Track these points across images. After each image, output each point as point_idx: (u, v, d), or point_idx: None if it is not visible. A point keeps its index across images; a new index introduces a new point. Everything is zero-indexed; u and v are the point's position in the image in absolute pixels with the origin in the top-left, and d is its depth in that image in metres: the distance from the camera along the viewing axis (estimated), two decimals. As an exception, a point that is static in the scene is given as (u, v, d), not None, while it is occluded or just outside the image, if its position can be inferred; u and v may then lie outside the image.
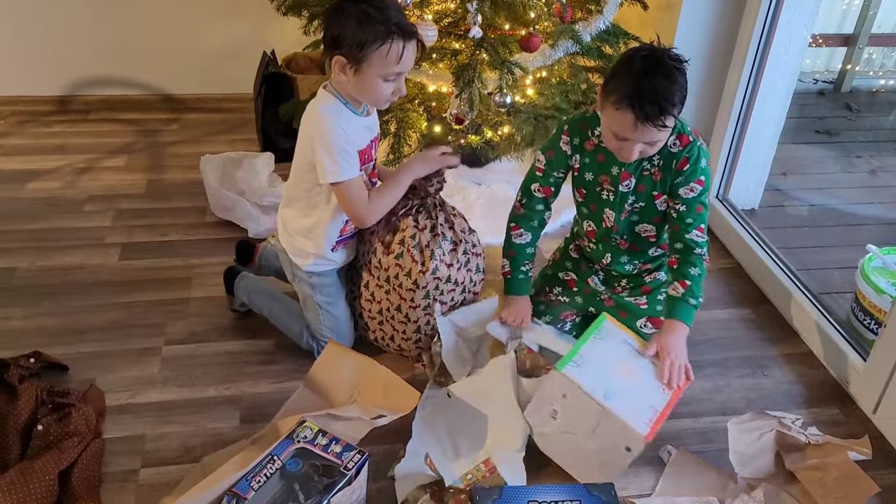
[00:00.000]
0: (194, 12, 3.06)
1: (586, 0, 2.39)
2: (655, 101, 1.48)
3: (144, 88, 3.23)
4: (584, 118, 1.74)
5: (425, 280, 1.75)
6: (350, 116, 1.67)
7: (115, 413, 1.71)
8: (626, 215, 1.76)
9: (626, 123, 1.52)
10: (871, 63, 3.84)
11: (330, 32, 1.58)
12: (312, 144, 1.64)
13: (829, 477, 1.59)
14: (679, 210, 1.69)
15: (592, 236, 1.85)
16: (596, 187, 1.76)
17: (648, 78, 1.49)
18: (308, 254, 1.80)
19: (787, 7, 2.20)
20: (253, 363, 1.87)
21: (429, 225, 1.77)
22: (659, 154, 1.66)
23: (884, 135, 3.47)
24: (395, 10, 1.57)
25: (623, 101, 1.50)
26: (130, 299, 2.07)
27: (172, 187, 2.62)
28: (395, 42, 1.54)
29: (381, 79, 1.58)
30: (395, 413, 1.63)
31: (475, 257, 1.85)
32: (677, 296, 1.68)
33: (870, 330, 2.03)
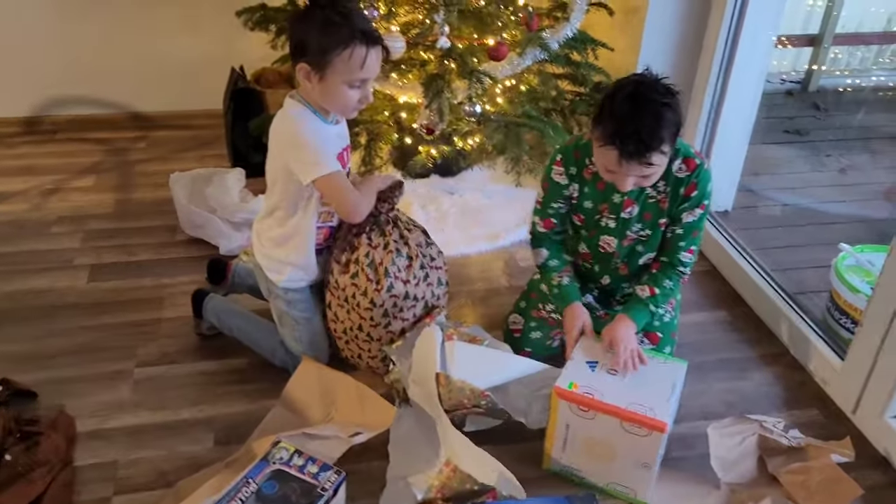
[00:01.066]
0: (160, 29, 3.03)
1: (553, 8, 2.40)
2: (639, 140, 1.47)
3: (112, 107, 3.18)
4: (578, 146, 1.71)
5: (381, 298, 1.72)
6: (320, 123, 1.65)
7: (86, 439, 1.67)
8: (630, 242, 1.75)
9: (612, 160, 1.52)
10: (836, 62, 3.89)
11: (294, 40, 1.57)
12: (287, 149, 1.61)
13: (812, 480, 1.59)
14: (676, 233, 1.71)
15: (588, 258, 1.84)
16: (594, 215, 1.74)
17: (632, 118, 1.47)
18: (284, 266, 1.77)
19: (752, 9, 2.22)
20: (226, 383, 1.84)
21: (382, 242, 1.74)
22: (665, 180, 1.65)
23: (852, 133, 3.52)
24: (359, 17, 1.57)
25: (606, 139, 1.50)
26: (100, 322, 2.03)
27: (141, 206, 2.58)
28: (358, 47, 1.53)
29: (345, 85, 1.57)
30: (372, 430, 1.61)
31: (434, 270, 1.81)
32: (641, 297, 1.71)
33: (846, 329, 2.04)
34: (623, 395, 1.51)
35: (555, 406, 1.53)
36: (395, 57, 2.18)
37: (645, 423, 1.46)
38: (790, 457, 1.64)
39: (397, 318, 1.75)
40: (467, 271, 2.31)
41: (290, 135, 1.61)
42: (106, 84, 3.13)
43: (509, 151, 2.29)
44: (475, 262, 2.36)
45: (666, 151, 1.52)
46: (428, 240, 1.83)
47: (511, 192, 2.57)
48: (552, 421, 1.55)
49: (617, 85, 1.55)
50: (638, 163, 1.50)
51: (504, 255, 2.39)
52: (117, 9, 2.96)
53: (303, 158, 1.60)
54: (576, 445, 1.55)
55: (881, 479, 1.66)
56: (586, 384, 1.53)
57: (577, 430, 1.53)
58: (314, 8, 1.54)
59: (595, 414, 1.49)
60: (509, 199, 2.60)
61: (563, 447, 1.57)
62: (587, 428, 1.52)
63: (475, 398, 1.57)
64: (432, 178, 2.67)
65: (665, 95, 1.49)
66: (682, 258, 1.72)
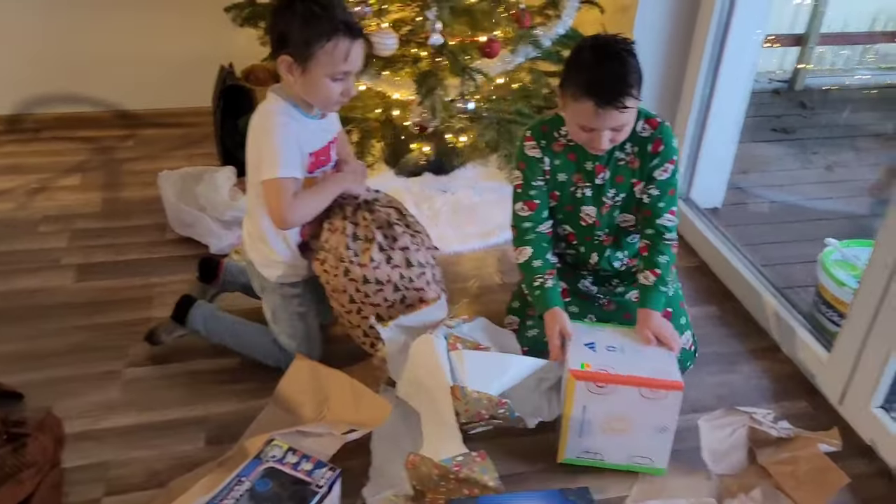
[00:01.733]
0: (148, 26, 3.01)
1: (544, 5, 2.41)
2: (611, 85, 1.52)
3: (98, 105, 3.15)
4: (545, 121, 1.74)
5: (341, 283, 1.71)
6: (301, 118, 1.63)
7: (75, 440, 1.65)
8: (608, 209, 1.76)
9: (588, 113, 1.54)
10: (822, 61, 3.93)
11: (276, 32, 1.56)
12: (256, 143, 1.61)
13: (800, 470, 1.60)
14: (652, 194, 1.71)
15: (573, 239, 1.84)
16: (570, 187, 1.75)
17: (600, 65, 1.54)
18: (277, 263, 1.76)
19: (740, 7, 2.23)
20: (218, 382, 1.83)
21: (341, 227, 1.71)
22: (630, 141, 1.68)
23: (838, 131, 3.55)
24: (341, 9, 1.56)
25: (580, 91, 1.53)
26: (89, 322, 2.01)
27: (130, 205, 2.56)
28: (342, 39, 1.52)
29: (328, 78, 1.56)
30: (366, 427, 1.60)
31: (399, 252, 1.73)
32: (649, 284, 1.71)
33: (833, 322, 2.06)
34: (633, 366, 1.55)
35: (571, 390, 1.53)
36: (387, 54, 2.18)
37: (664, 385, 1.52)
38: (779, 447, 1.66)
39: (366, 303, 1.72)
40: (460, 269, 2.31)
41: (261, 130, 1.61)
42: (92, 82, 3.10)
43: (502, 149, 2.29)
44: (468, 259, 2.36)
45: (636, 97, 1.56)
46: (397, 220, 1.76)
47: (503, 190, 2.56)
48: (567, 407, 1.55)
49: (577, 45, 1.62)
50: (614, 107, 1.52)
51: (497, 253, 2.39)
52: (104, 5, 2.94)
53: (266, 155, 1.59)
54: (593, 427, 1.57)
55: (867, 469, 1.68)
56: (596, 363, 1.56)
57: (595, 409, 1.54)
58: (295, 1, 1.53)
59: (614, 388, 1.52)
60: (502, 197, 2.59)
61: (579, 432, 1.58)
62: (605, 404, 1.54)
63: (492, 408, 1.56)
64: (425, 175, 2.66)
65: (624, 44, 1.56)
66: (665, 223, 1.72)
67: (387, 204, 1.79)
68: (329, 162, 1.73)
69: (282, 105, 1.62)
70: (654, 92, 2.47)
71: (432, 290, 1.78)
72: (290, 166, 1.59)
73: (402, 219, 1.79)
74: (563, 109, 1.63)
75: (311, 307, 1.83)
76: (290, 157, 1.59)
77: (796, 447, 1.65)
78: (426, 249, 1.80)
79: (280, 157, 1.58)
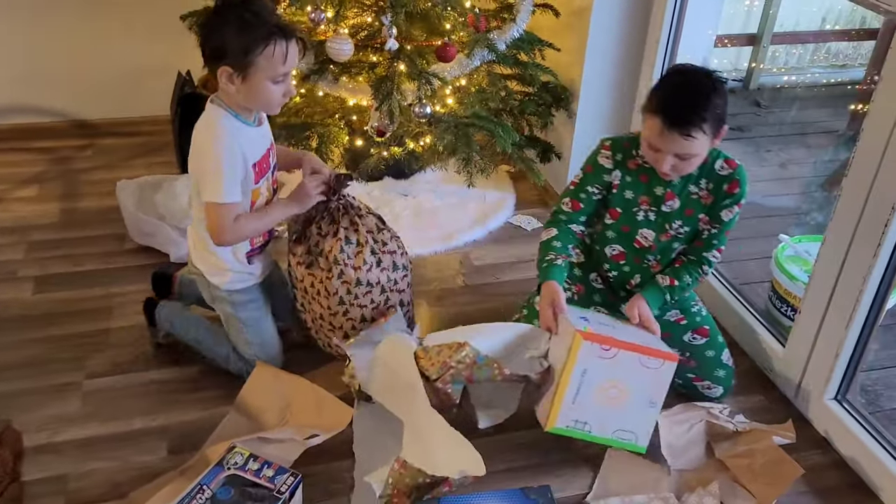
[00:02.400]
0: (104, 35, 2.97)
1: (499, 10, 2.43)
2: (683, 111, 1.54)
3: (55, 115, 3.11)
4: (628, 138, 1.77)
5: (333, 286, 1.73)
6: (243, 128, 1.64)
7: (34, 454, 1.64)
8: (669, 238, 1.78)
9: (655, 130, 1.58)
10: (775, 60, 4.01)
11: (211, 45, 1.56)
12: (200, 161, 1.62)
13: (757, 463, 1.64)
14: (712, 231, 1.76)
15: (621, 259, 1.84)
16: (633, 207, 1.77)
17: (682, 90, 1.57)
18: (225, 270, 1.76)
19: (691, 9, 2.28)
20: (180, 391, 1.82)
21: (332, 231, 1.75)
22: (707, 178, 1.71)
23: (790, 129, 3.63)
24: (271, 13, 1.58)
25: (655, 107, 1.58)
26: (47, 334, 1.98)
27: (88, 215, 2.53)
28: (279, 42, 1.54)
29: (269, 81, 1.57)
30: (328, 431, 1.61)
31: (388, 255, 1.80)
32: (661, 284, 1.77)
33: (786, 316, 2.11)
34: (628, 338, 1.61)
35: (575, 350, 1.54)
36: (344, 59, 2.19)
37: (661, 354, 1.60)
38: (736, 441, 1.70)
39: (353, 304, 1.76)
40: (423, 272, 2.32)
41: (205, 147, 1.61)
42: (48, 92, 3.05)
43: (460, 152, 2.31)
44: (430, 262, 2.38)
45: (707, 133, 1.56)
46: (381, 225, 1.84)
47: (464, 193, 2.59)
48: (567, 370, 1.56)
49: (674, 66, 1.68)
50: (679, 134, 1.54)
51: (459, 256, 2.41)
52: (59, 15, 2.90)
53: (210, 179, 1.60)
54: (588, 394, 1.59)
55: (822, 460, 1.73)
56: (597, 330, 1.60)
57: (594, 374, 1.57)
58: (225, 11, 1.55)
59: (617, 352, 1.56)
60: (462, 200, 2.63)
61: (574, 398, 1.58)
62: (606, 369, 1.57)
63: (454, 353, 1.57)
64: (385, 180, 2.67)
65: (715, 83, 1.58)
66: (710, 257, 1.78)
67: (367, 211, 1.84)
68: (269, 169, 1.75)
69: (224, 117, 1.62)
70: (611, 93, 2.51)
71: (407, 294, 1.85)
72: (232, 191, 1.61)
73: (384, 225, 1.85)
74: (642, 123, 1.66)
75: (264, 311, 1.83)
76: (234, 180, 1.61)
77: (752, 440, 1.69)
78: (404, 254, 1.85)
79: (223, 182, 1.59)
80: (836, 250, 1.69)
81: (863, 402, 1.86)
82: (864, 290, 1.63)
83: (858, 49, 4.09)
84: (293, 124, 2.40)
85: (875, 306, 1.66)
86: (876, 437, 1.69)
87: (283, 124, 2.38)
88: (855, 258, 1.64)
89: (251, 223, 1.68)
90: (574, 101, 2.51)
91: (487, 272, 2.34)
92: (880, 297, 1.65)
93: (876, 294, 1.65)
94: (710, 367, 1.82)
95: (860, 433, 1.70)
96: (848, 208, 1.64)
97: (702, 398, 1.83)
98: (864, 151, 1.58)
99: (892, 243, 1.58)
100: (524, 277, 2.27)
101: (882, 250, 1.58)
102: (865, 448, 1.67)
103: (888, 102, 1.51)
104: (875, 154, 1.55)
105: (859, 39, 4.06)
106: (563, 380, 1.57)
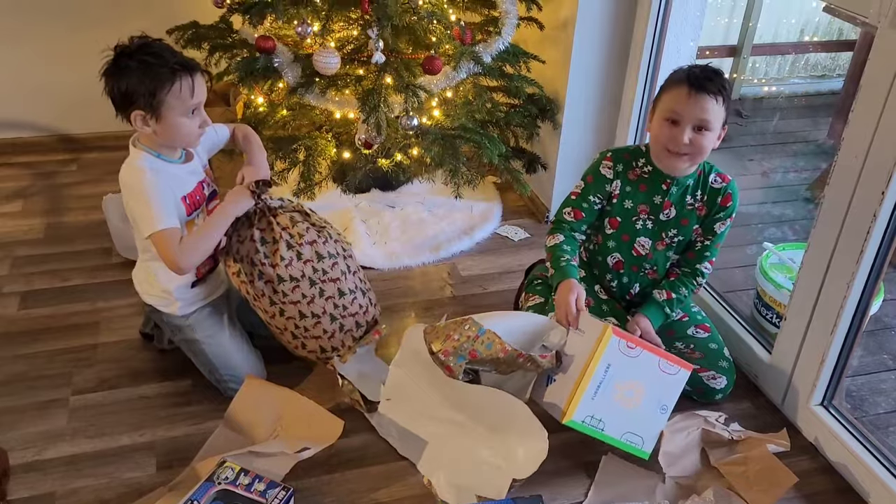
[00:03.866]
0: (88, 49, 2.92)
1: (485, 23, 2.45)
2: (707, 75, 1.66)
3: (39, 130, 3.09)
4: (628, 150, 1.85)
5: (259, 289, 1.73)
6: (167, 166, 1.68)
7: (20, 472, 1.62)
8: (664, 247, 1.85)
9: (681, 97, 1.65)
10: (755, 71, 4.07)
11: (118, 93, 1.60)
12: (130, 201, 1.65)
13: (751, 470, 1.66)
14: (705, 243, 1.84)
15: (619, 267, 1.90)
16: (632, 216, 1.84)
17: (698, 65, 1.70)
18: (173, 300, 1.79)
19: (674, 21, 2.31)
20: (168, 406, 1.81)
21: (248, 235, 1.73)
22: (702, 190, 1.79)
23: (771, 138, 3.68)
24: (170, 52, 1.62)
25: (677, 79, 1.67)
26: (33, 350, 1.96)
27: (74, 230, 2.51)
28: (184, 78, 1.58)
29: (183, 117, 1.62)
30: (319, 444, 1.60)
31: (308, 246, 1.75)
32: (659, 300, 1.84)
33: (772, 323, 2.13)
34: None
35: (604, 344, 1.60)
36: (331, 73, 2.20)
37: (678, 362, 1.67)
38: (731, 449, 1.71)
39: (286, 302, 1.73)
40: (411, 283, 2.33)
41: (131, 189, 1.64)
42: (32, 106, 3.03)
43: (447, 164, 2.32)
44: (418, 274, 2.38)
45: (722, 105, 1.66)
46: (297, 219, 1.77)
47: (451, 204, 2.60)
48: (593, 363, 1.60)
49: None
50: (707, 92, 1.63)
51: (447, 267, 2.42)
52: (43, 29, 2.89)
53: (142, 212, 1.63)
54: (608, 391, 1.62)
55: (810, 465, 1.74)
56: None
57: (617, 371, 1.62)
58: (126, 58, 1.59)
59: (640, 352, 1.64)
60: (449, 211, 2.64)
61: (594, 393, 1.61)
62: (628, 367, 1.62)
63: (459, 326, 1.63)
64: (373, 192, 2.68)
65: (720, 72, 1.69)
66: (702, 269, 1.86)
67: (291, 209, 1.80)
68: (203, 201, 1.78)
69: (146, 159, 1.65)
70: (595, 104, 2.54)
71: (349, 282, 1.81)
72: (166, 217, 1.63)
73: (307, 218, 1.81)
74: (651, 118, 1.75)
75: (221, 328, 1.84)
76: (165, 207, 1.63)
77: (746, 448, 1.71)
78: (335, 242, 1.81)
79: (154, 211, 1.61)
80: (819, 257, 1.71)
81: (848, 408, 1.88)
82: (847, 297, 1.65)
83: (836, 60, 4.15)
84: (281, 137, 2.40)
85: (859, 312, 1.68)
86: (862, 443, 1.70)
87: (270, 137, 2.38)
88: (838, 265, 1.67)
89: (198, 239, 1.68)
90: (559, 112, 2.54)
91: (475, 283, 2.35)
92: (864, 302, 1.67)
93: (860, 300, 1.67)
94: (714, 358, 1.86)
95: (847, 438, 1.72)
96: (830, 216, 1.67)
97: (707, 391, 1.84)
98: (845, 160, 1.61)
99: (874, 250, 1.60)
100: (511, 288, 2.28)
101: (864, 257, 1.60)
102: (852, 453, 1.69)
103: (867, 112, 1.54)
104: (856, 163, 1.58)
105: (837, 50, 4.13)
106: (587, 372, 1.60)
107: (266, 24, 2.32)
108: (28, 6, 2.83)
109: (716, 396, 1.86)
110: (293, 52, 2.29)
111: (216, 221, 1.71)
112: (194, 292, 1.81)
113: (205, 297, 1.84)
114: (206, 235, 1.69)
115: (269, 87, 2.42)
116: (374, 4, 2.16)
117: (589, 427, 1.63)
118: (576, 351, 1.65)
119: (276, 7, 2.18)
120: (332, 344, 1.79)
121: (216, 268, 1.87)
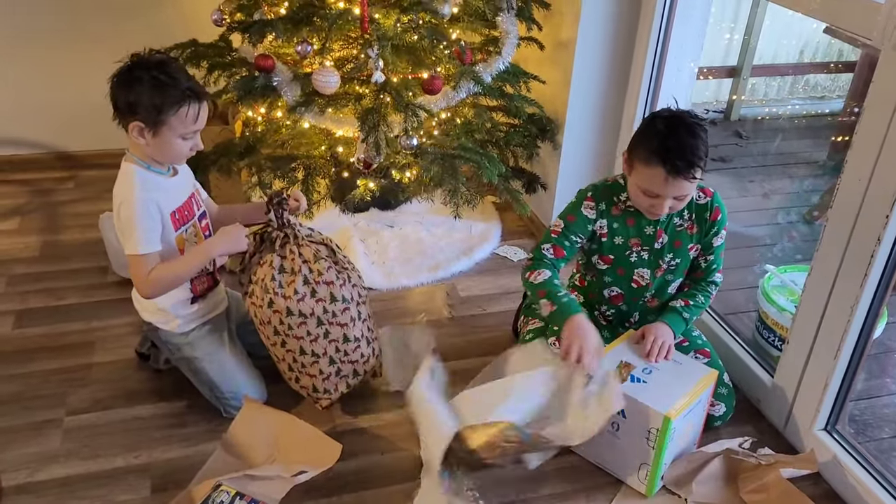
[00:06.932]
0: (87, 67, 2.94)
1: (485, 42, 2.45)
2: (683, 155, 1.57)
3: (36, 147, 3.08)
4: (607, 185, 1.80)
5: (266, 315, 1.72)
6: (156, 179, 1.69)
7: (13, 494, 1.59)
8: (662, 273, 1.83)
9: (657, 179, 1.60)
10: (755, 92, 4.08)
11: (123, 102, 1.61)
12: (118, 216, 1.66)
13: (772, 496, 1.64)
14: (708, 259, 1.84)
15: (619, 300, 1.88)
16: (625, 251, 1.81)
17: (674, 134, 1.58)
18: (171, 318, 1.78)
19: (674, 42, 2.31)
20: (164, 427, 1.79)
21: (269, 260, 1.72)
22: (687, 209, 1.77)
23: (772, 159, 3.68)
24: (185, 75, 1.64)
25: (652, 157, 1.58)
26: (27, 370, 1.94)
27: (70, 248, 2.50)
28: (192, 104, 1.61)
29: (179, 138, 1.64)
30: (316, 468, 1.58)
31: (324, 286, 1.72)
32: (676, 307, 1.83)
33: (774, 346, 2.12)
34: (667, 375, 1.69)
35: (665, 430, 1.57)
36: (330, 92, 2.19)
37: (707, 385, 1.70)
38: (753, 475, 1.69)
39: (289, 335, 1.72)
40: (409, 303, 2.31)
41: (122, 202, 1.65)
42: (29, 124, 3.03)
43: (446, 183, 2.31)
44: (417, 294, 2.37)
45: (703, 168, 1.62)
46: (321, 254, 1.76)
47: (450, 224, 2.59)
48: (659, 447, 1.60)
49: (651, 114, 1.70)
50: (684, 177, 1.59)
51: (446, 287, 2.40)
52: (39, 46, 2.89)
53: (126, 230, 1.65)
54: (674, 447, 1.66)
55: (813, 491, 1.71)
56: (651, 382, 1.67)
57: (678, 431, 1.63)
58: (140, 69, 1.60)
59: (690, 409, 1.65)
60: (448, 231, 2.62)
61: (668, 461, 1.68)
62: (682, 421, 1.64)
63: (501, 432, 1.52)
64: (371, 211, 2.67)
65: (698, 121, 1.63)
66: (714, 279, 1.86)
67: (319, 241, 1.79)
68: (192, 217, 1.78)
69: (137, 172, 1.67)
70: (595, 124, 2.53)
71: (356, 329, 1.78)
72: (148, 242, 1.65)
73: (332, 255, 1.79)
74: (629, 173, 1.69)
75: (220, 347, 1.83)
76: (150, 231, 1.65)
77: (766, 474, 1.68)
78: (353, 286, 1.79)
79: (138, 233, 1.63)
80: (822, 281, 1.70)
81: (852, 433, 1.86)
82: (851, 321, 1.64)
83: (836, 81, 4.17)
84: (279, 156, 2.39)
85: (863, 336, 1.67)
86: (866, 468, 1.68)
87: (268, 156, 2.38)
88: (842, 288, 1.65)
89: (170, 270, 1.68)
90: (559, 132, 2.53)
91: (474, 303, 2.33)
92: (868, 326, 1.66)
93: (864, 324, 1.65)
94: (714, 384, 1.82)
95: (850, 464, 1.69)
96: (834, 239, 1.65)
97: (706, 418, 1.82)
98: (849, 182, 1.60)
99: (878, 274, 1.59)
100: (511, 308, 2.26)
101: (868, 280, 1.59)
102: (857, 478, 1.66)
103: (871, 134, 1.53)
104: (860, 185, 1.57)
105: (837, 72, 4.14)
106: (657, 457, 1.62)
107: (266, 43, 2.32)
108: (26, 24, 2.83)
109: (714, 423, 1.84)
110: (292, 70, 2.29)
111: (191, 261, 1.71)
112: (193, 310, 1.81)
113: (204, 314, 1.83)
114: (178, 274, 1.70)
115: (268, 105, 2.41)
116: (373, 24, 2.16)
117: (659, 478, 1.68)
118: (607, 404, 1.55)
119: (275, 26, 2.19)
120: (325, 385, 1.78)
121: (216, 286, 1.86)
